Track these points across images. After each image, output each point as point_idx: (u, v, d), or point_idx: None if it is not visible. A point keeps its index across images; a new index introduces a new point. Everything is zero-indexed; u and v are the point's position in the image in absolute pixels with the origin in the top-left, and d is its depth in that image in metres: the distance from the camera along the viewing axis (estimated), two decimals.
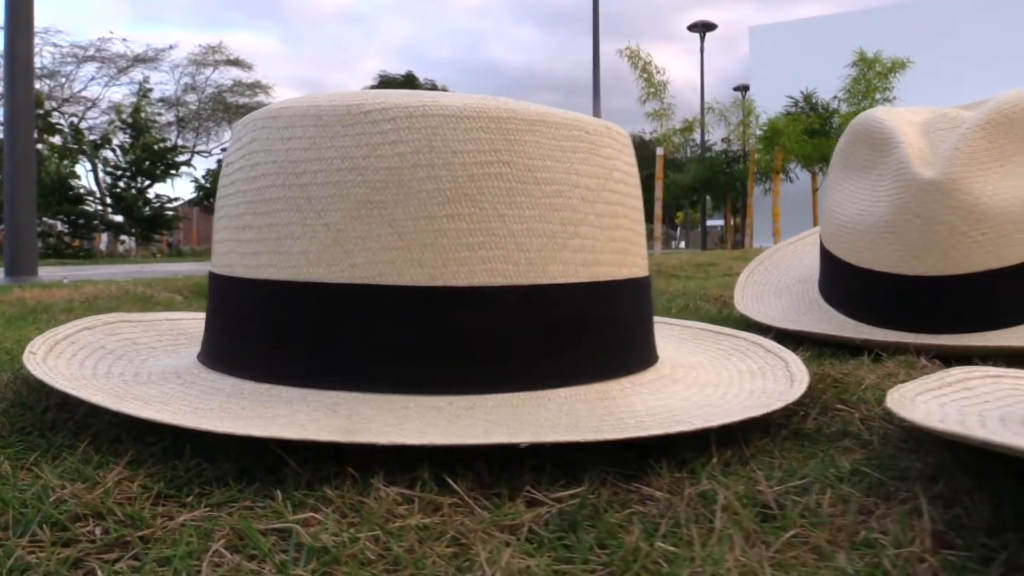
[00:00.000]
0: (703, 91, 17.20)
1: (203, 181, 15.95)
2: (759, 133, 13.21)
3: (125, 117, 14.22)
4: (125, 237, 14.79)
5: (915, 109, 1.19)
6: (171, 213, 14.74)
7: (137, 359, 0.75)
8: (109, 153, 14.04)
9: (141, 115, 14.18)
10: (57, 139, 13.79)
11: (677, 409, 0.61)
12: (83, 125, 15.40)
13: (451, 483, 0.47)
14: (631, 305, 0.69)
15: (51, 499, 0.46)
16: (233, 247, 0.67)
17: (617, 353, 0.67)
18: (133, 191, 13.88)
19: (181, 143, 16.92)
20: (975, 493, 0.46)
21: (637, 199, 0.71)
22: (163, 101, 17.68)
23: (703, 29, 17.43)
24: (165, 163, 14.16)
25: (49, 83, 16.35)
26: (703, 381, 0.72)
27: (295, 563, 0.38)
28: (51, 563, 0.38)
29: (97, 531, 0.42)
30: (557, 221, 0.62)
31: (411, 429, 0.52)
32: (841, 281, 1.14)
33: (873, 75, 12.66)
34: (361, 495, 0.46)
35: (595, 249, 0.65)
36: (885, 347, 0.99)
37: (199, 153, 18.11)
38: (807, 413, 0.69)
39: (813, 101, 13.65)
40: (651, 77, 13.73)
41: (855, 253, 1.10)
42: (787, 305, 1.22)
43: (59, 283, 2.90)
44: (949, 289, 1.00)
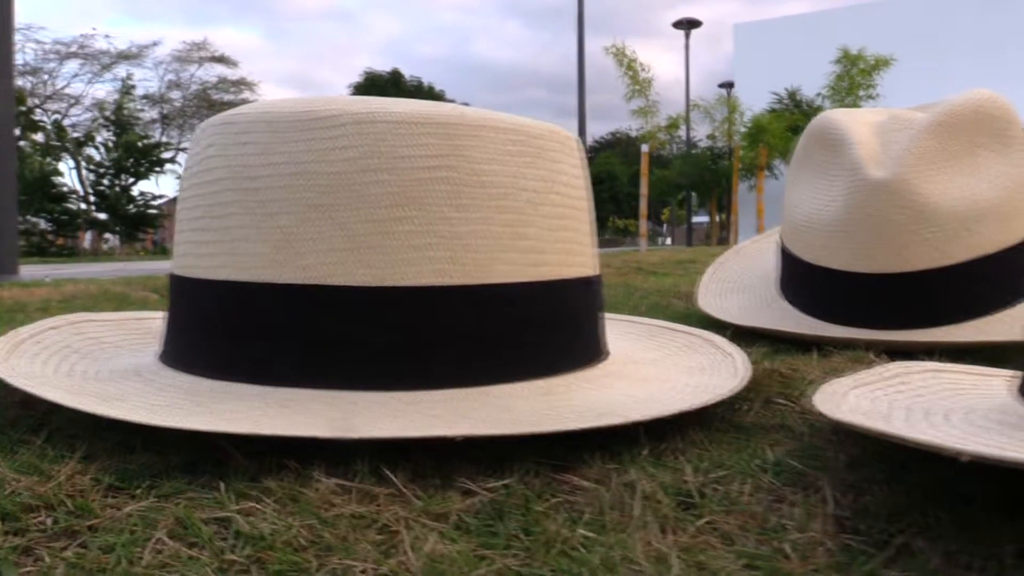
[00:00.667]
0: (688, 88, 17.25)
1: None
2: (743, 130, 13.27)
3: (108, 114, 14.15)
4: (109, 235, 14.74)
5: (872, 110, 1.22)
6: (155, 211, 14.68)
7: (101, 357, 0.77)
8: (92, 151, 13.98)
9: (124, 112, 14.12)
10: (40, 137, 13.72)
11: (617, 403, 0.64)
12: (66, 122, 15.33)
13: (388, 474, 0.49)
14: (578, 303, 0.71)
15: (6, 492, 0.47)
16: (190, 248, 0.69)
17: (563, 350, 0.69)
18: (117, 189, 13.83)
19: (165, 140, 16.85)
20: (886, 482, 0.49)
21: (585, 201, 0.74)
22: (147, 98, 17.61)
23: (688, 26, 17.48)
24: (149, 160, 14.11)
25: (31, 80, 16.27)
26: (651, 376, 0.75)
27: (232, 549, 0.40)
28: (2, 550, 0.40)
29: (48, 521, 0.44)
30: (503, 223, 0.65)
31: (355, 424, 0.55)
32: (798, 278, 1.17)
33: (857, 72, 12.73)
34: (301, 486, 0.48)
35: (541, 249, 0.67)
36: (836, 343, 1.01)
37: (184, 150, 18.05)
38: (750, 407, 0.72)
39: (797, 98, 13.72)
40: (636, 74, 13.76)
41: (811, 251, 1.13)
42: (747, 302, 1.25)
43: (40, 282, 2.91)
44: (899, 286, 1.03)
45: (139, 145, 13.91)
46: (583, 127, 12.86)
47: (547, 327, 0.68)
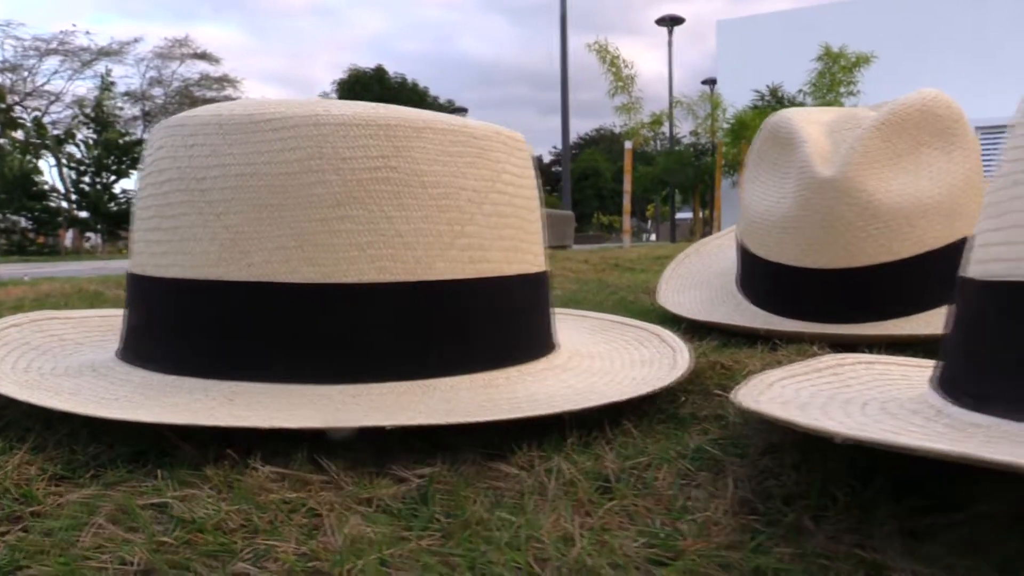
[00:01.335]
0: (671, 85, 17.31)
1: None
2: (726, 127, 13.33)
3: (88, 111, 14.07)
4: (91, 234, 14.66)
5: (826, 109, 1.25)
6: None
7: (61, 354, 0.79)
8: (73, 148, 13.91)
9: (104, 109, 14.04)
10: (20, 134, 13.64)
11: (556, 395, 0.66)
12: (46, 120, 15.23)
13: (323, 463, 0.52)
14: (522, 299, 0.74)
15: None
16: (144, 247, 0.71)
17: (507, 344, 0.72)
18: (98, 187, 13.75)
19: (147, 137, 16.76)
20: (795, 467, 0.51)
21: (529, 199, 0.76)
22: (128, 95, 17.53)
23: (671, 23, 17.53)
24: (131, 158, 14.03)
25: (11, 77, 16.16)
26: (595, 369, 0.77)
27: (166, 532, 0.43)
28: None
29: None
30: (444, 221, 0.67)
31: (296, 415, 0.57)
32: (753, 273, 1.20)
33: (838, 69, 12.81)
34: (239, 474, 0.51)
35: (483, 247, 0.69)
36: (784, 336, 1.04)
37: None
38: (687, 398, 0.74)
39: (779, 95, 13.78)
40: (619, 71, 13.81)
41: (764, 247, 1.16)
42: (705, 297, 1.28)
43: (19, 280, 2.91)
44: (846, 281, 1.06)
45: (120, 142, 13.83)
46: (566, 123, 12.89)
47: (490, 322, 0.70)
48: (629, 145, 10.42)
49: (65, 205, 13.89)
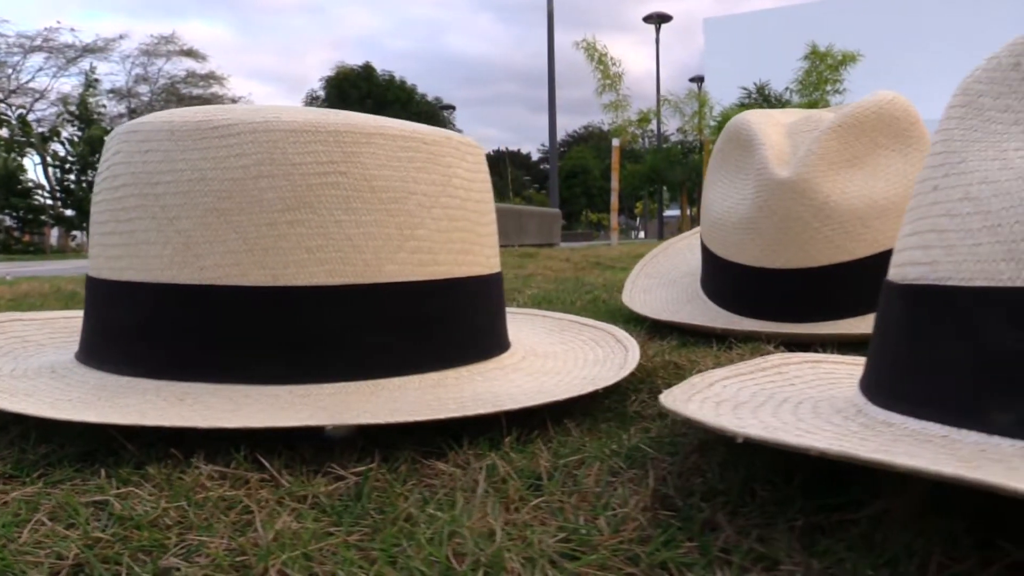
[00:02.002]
0: (659, 82, 17.35)
1: None
2: (713, 124, 13.38)
3: (72, 108, 14.01)
4: (76, 232, 14.60)
5: (789, 111, 1.27)
6: None
7: (22, 356, 0.80)
8: (58, 146, 13.85)
9: (88, 106, 13.98)
10: (4, 132, 13.57)
11: (503, 394, 0.68)
12: (31, 117, 15.16)
13: (263, 461, 0.53)
14: (472, 300, 0.75)
15: None
16: (100, 251, 0.72)
17: (457, 344, 0.74)
18: (84, 185, 13.70)
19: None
20: (723, 465, 0.53)
21: (480, 203, 0.78)
22: (114, 92, 17.46)
23: (658, 21, 17.57)
24: None
25: None
26: (547, 369, 0.79)
27: (102, 529, 0.44)
28: None
29: None
30: (393, 225, 0.69)
31: (242, 415, 0.58)
32: (715, 274, 1.22)
33: (825, 68, 12.88)
34: (180, 472, 0.52)
35: (432, 250, 0.71)
36: (740, 335, 1.06)
37: None
38: (636, 397, 0.76)
39: (766, 92, 13.85)
40: (607, 69, 13.84)
41: (725, 248, 1.18)
42: (671, 297, 1.30)
43: (1, 280, 2.91)
44: (803, 281, 1.08)
45: (104, 140, 13.79)
46: (553, 121, 12.90)
47: (440, 323, 0.72)
48: (617, 143, 10.45)
49: (50, 203, 13.83)
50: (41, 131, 14.25)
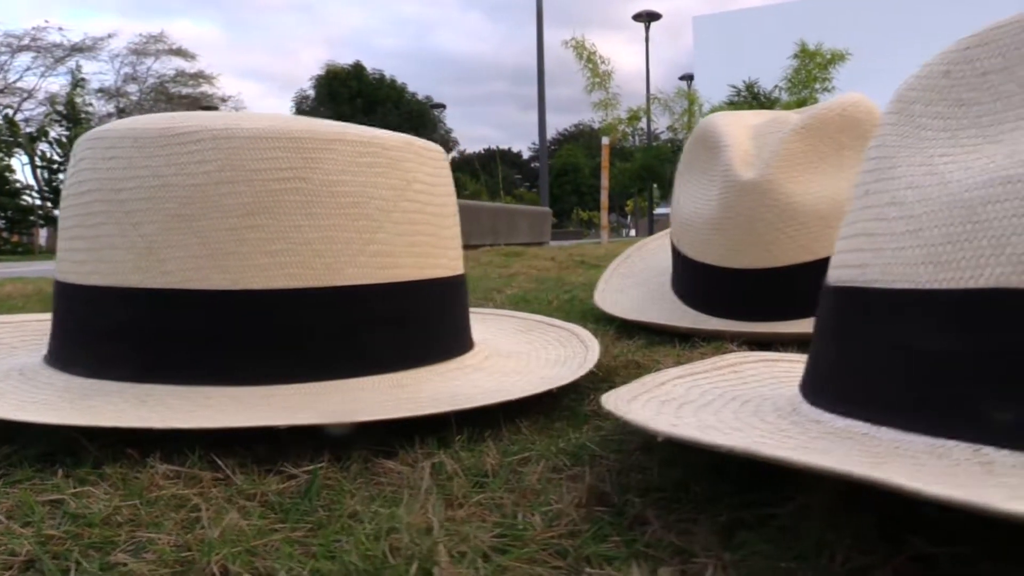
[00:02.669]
0: (648, 81, 17.38)
1: None
2: None
3: (59, 108, 13.98)
4: None
5: (758, 112, 1.29)
6: None
7: None
8: (46, 146, 13.80)
9: (76, 105, 13.95)
10: None
11: (460, 394, 0.69)
12: (19, 117, 15.11)
13: (218, 461, 0.55)
14: (434, 302, 0.77)
15: None
16: (67, 255, 0.74)
17: (418, 345, 0.75)
18: None
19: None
20: (664, 462, 0.55)
21: (442, 207, 0.79)
22: (103, 92, 17.41)
23: (647, 19, 17.60)
24: None
25: None
26: (508, 369, 0.81)
27: (56, 527, 0.46)
28: None
29: None
30: (354, 229, 0.70)
31: (200, 416, 0.60)
32: (684, 274, 1.24)
33: (814, 66, 12.94)
34: (136, 472, 0.54)
35: (393, 253, 0.73)
36: (704, 335, 1.08)
37: None
38: (594, 396, 0.78)
39: (755, 91, 13.89)
40: (596, 67, 13.87)
41: (693, 248, 1.20)
42: (641, 296, 1.32)
43: None
44: (768, 281, 1.10)
45: None
46: (543, 119, 12.91)
47: (401, 325, 0.74)
48: (606, 141, 10.47)
49: (39, 203, 13.79)
50: (29, 131, 14.21)
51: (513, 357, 0.86)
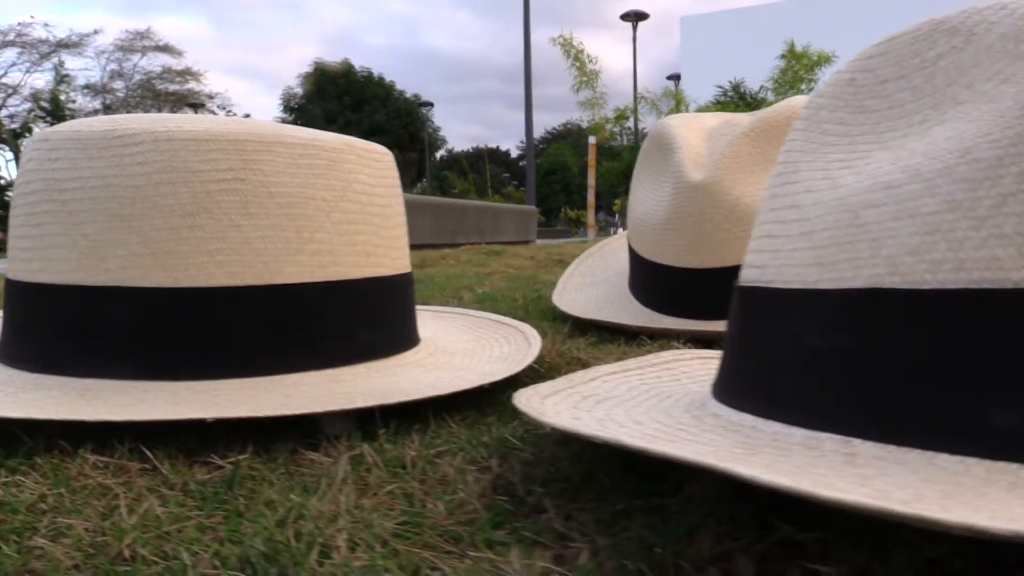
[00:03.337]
0: (635, 80, 17.43)
1: None
2: None
3: (43, 104, 13.92)
4: None
5: (713, 114, 1.31)
6: None
7: None
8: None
9: (59, 103, 13.89)
10: None
11: (395, 389, 0.72)
12: (3, 113, 15.05)
13: (146, 452, 0.57)
14: (374, 300, 0.79)
15: None
16: (15, 254, 0.75)
17: (358, 342, 0.77)
18: None
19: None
20: (578, 455, 0.57)
21: (384, 207, 0.82)
22: (89, 88, 17.35)
23: (635, 18, 17.64)
24: None
25: None
26: (452, 365, 0.83)
27: None
28: None
29: None
30: (292, 229, 0.72)
31: (133, 409, 0.62)
32: (639, 273, 1.27)
33: (800, 67, 13.00)
34: (66, 463, 0.56)
35: (332, 252, 0.75)
36: (652, 332, 1.11)
37: None
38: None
39: (742, 91, 13.95)
40: (583, 66, 13.90)
41: (647, 248, 1.22)
42: (599, 295, 1.34)
43: None
44: (716, 280, 1.13)
45: None
46: (530, 118, 12.94)
47: (340, 322, 0.76)
48: (593, 140, 10.50)
49: None
50: (13, 127, 14.15)
51: (457, 354, 0.88)
